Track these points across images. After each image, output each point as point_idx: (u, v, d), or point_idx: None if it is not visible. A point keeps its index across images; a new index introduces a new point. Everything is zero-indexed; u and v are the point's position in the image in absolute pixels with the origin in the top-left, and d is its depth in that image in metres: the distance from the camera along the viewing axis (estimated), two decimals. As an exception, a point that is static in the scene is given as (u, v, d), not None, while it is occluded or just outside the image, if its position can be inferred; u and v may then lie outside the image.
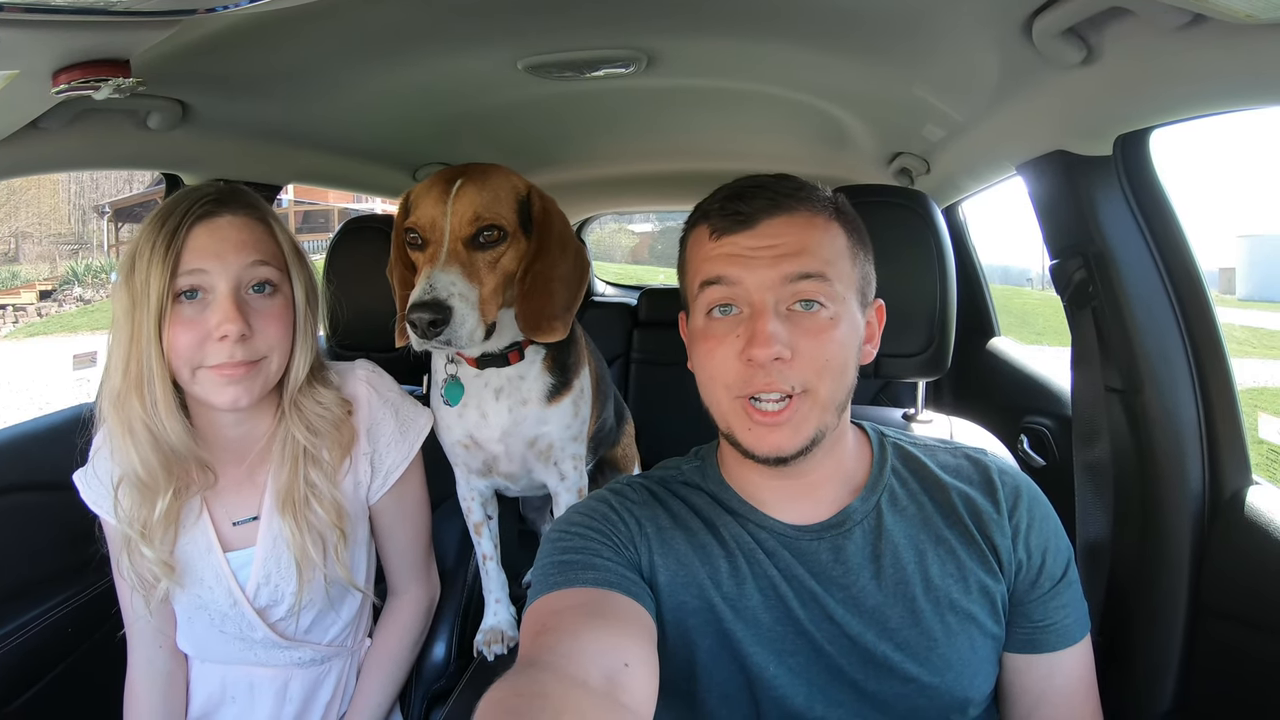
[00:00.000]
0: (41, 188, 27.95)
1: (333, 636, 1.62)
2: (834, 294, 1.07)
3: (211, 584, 1.49)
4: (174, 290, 1.33)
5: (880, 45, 1.59)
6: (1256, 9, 0.88)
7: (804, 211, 1.09)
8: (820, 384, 1.06)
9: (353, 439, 1.54)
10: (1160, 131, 1.46)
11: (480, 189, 1.44)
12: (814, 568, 1.11)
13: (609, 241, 17.25)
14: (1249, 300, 15.42)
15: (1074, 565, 1.17)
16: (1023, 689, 1.16)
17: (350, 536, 1.53)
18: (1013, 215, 6.70)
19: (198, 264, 1.33)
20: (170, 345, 1.34)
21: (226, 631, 1.53)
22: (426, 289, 1.36)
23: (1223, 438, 1.49)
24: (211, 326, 1.33)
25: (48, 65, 1.07)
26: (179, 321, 1.33)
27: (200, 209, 1.36)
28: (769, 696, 1.09)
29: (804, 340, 1.05)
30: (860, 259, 1.14)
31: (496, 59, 1.74)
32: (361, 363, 1.65)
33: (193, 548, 1.48)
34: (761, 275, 1.06)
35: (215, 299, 1.34)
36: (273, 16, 1.25)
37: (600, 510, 1.17)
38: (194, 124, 1.75)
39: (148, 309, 1.31)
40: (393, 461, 1.58)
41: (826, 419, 1.08)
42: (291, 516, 1.46)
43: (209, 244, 1.34)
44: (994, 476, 1.18)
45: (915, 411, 1.79)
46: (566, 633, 0.92)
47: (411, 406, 1.65)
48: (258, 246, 1.40)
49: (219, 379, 1.36)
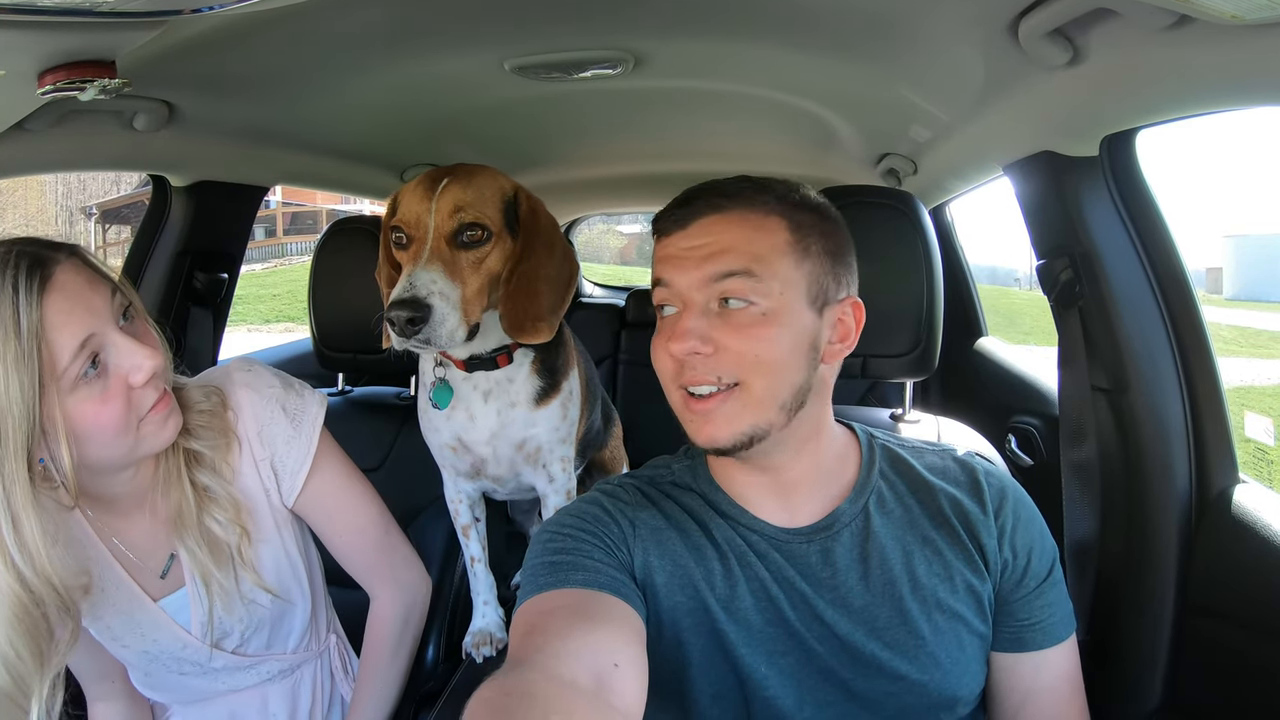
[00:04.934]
0: (29, 189, 27.75)
1: (295, 643, 1.58)
2: (765, 290, 1.05)
3: (156, 636, 1.40)
4: (65, 385, 1.12)
5: (867, 46, 1.59)
6: (1242, 9, 0.89)
7: (738, 210, 1.09)
8: (753, 379, 1.05)
9: (229, 422, 1.41)
10: (1146, 132, 1.46)
11: (465, 188, 1.43)
12: (804, 570, 1.12)
13: (597, 242, 17.23)
14: (1236, 300, 15.49)
15: (1059, 565, 1.18)
16: (1010, 687, 1.17)
17: (255, 535, 1.42)
18: (1002, 215, 6.71)
19: (78, 333, 1.13)
20: (93, 432, 1.17)
21: (187, 673, 1.47)
22: (406, 287, 1.35)
23: (1209, 437, 1.49)
24: (128, 374, 1.18)
25: (33, 66, 1.06)
26: (90, 403, 1.15)
27: (28, 282, 1.10)
28: (759, 697, 1.09)
29: (728, 336, 1.05)
30: (812, 256, 1.09)
31: (483, 60, 1.73)
32: (235, 363, 1.51)
33: (124, 610, 1.38)
34: (690, 275, 1.07)
35: (114, 349, 1.17)
36: (259, 17, 1.25)
37: (591, 512, 1.17)
38: (180, 125, 1.74)
39: (10, 428, 1.08)
40: (295, 460, 1.46)
41: (766, 415, 1.07)
42: (191, 533, 1.34)
43: (73, 304, 1.14)
44: (980, 478, 1.19)
45: (903, 412, 1.79)
46: (555, 633, 0.92)
47: (298, 397, 1.49)
48: (100, 280, 1.20)
49: (159, 418, 1.24)
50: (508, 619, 1.78)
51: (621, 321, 3.66)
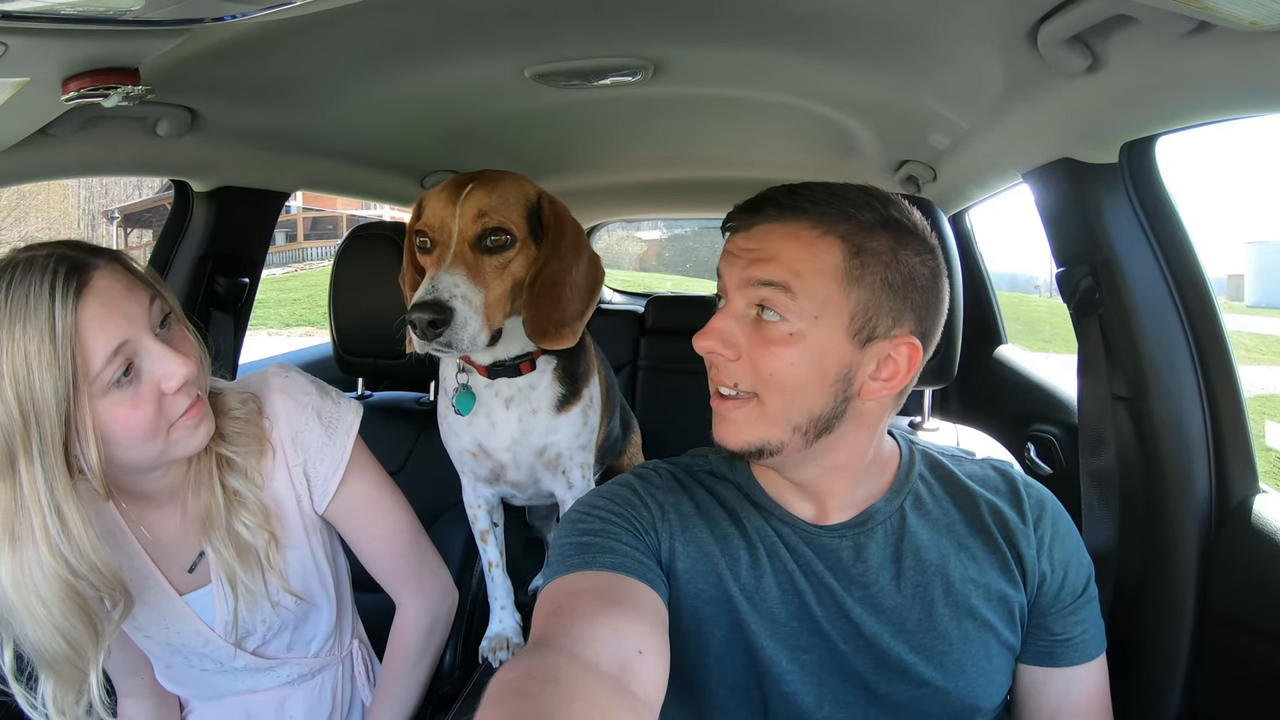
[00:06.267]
0: (51, 193, 28.03)
1: (318, 647, 1.59)
2: (798, 310, 1.02)
3: (180, 629, 1.43)
4: (97, 390, 1.14)
5: (886, 53, 1.59)
6: (1261, 16, 0.89)
7: (796, 223, 1.05)
8: (768, 395, 1.05)
9: (265, 430, 1.43)
10: (1166, 138, 1.46)
11: (489, 193, 1.44)
12: (834, 565, 1.12)
13: (616, 248, 17.20)
14: (1258, 307, 15.35)
15: (1094, 583, 1.17)
16: (1039, 703, 1.16)
17: (283, 541, 1.44)
18: (1022, 221, 6.68)
19: (113, 340, 1.14)
20: (123, 436, 1.18)
21: (208, 669, 1.48)
22: (428, 289, 1.35)
23: (1230, 446, 1.48)
24: (161, 380, 1.19)
25: (58, 73, 1.08)
26: (121, 406, 1.17)
27: (65, 287, 1.12)
28: (778, 692, 1.09)
29: (754, 347, 1.05)
30: (865, 286, 1.03)
31: (504, 67, 1.74)
32: (273, 370, 1.52)
33: (150, 602, 1.40)
34: (735, 274, 1.07)
35: (148, 355, 1.18)
36: (281, 25, 1.26)
37: (622, 494, 1.17)
38: (203, 131, 1.75)
39: (48, 427, 1.10)
40: (328, 468, 1.47)
41: (778, 434, 1.06)
42: (219, 534, 1.36)
43: (109, 311, 1.15)
44: (1020, 489, 1.19)
45: (922, 420, 1.79)
46: (581, 616, 0.92)
47: (333, 405, 1.50)
48: (139, 286, 1.22)
49: (190, 424, 1.24)
50: (525, 624, 1.79)
51: (641, 328, 3.65)
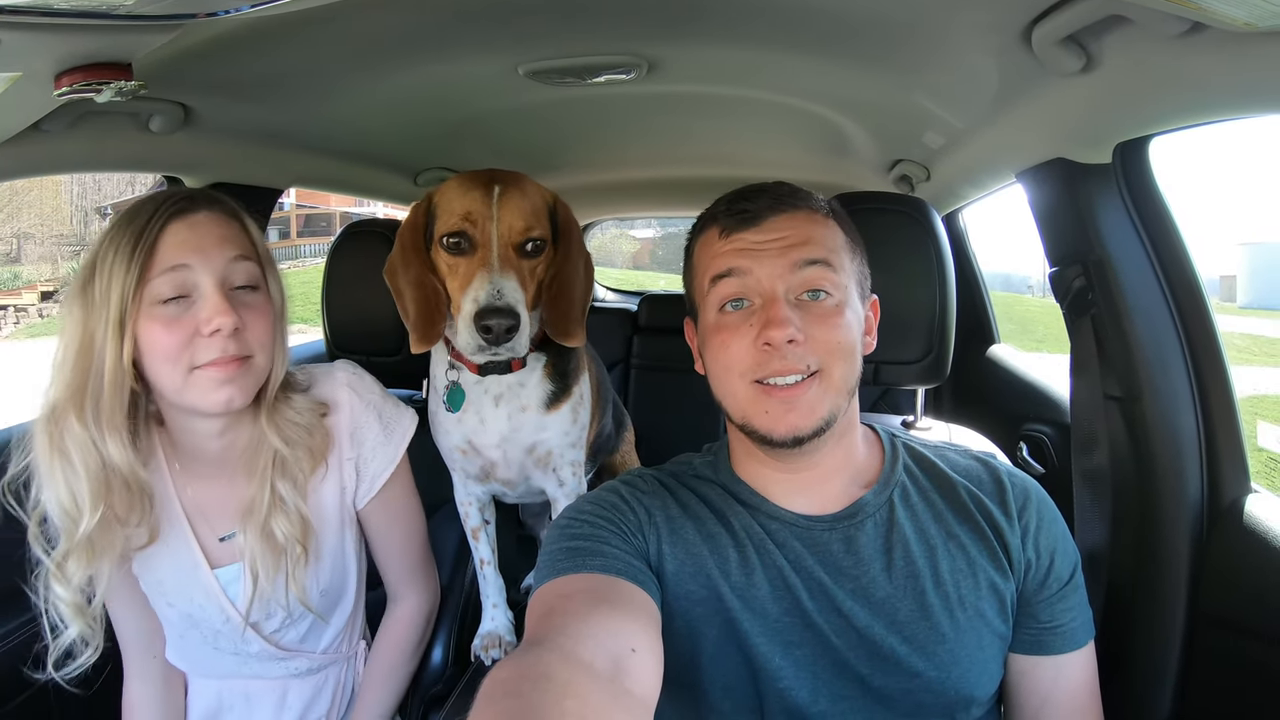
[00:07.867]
0: (44, 189, 27.97)
1: (327, 644, 1.61)
2: (838, 283, 1.13)
3: (202, 601, 1.45)
4: (150, 295, 1.25)
5: (880, 53, 1.59)
6: (1255, 17, 0.89)
7: (804, 209, 1.17)
8: (833, 366, 1.10)
9: (326, 445, 1.49)
10: (1160, 139, 1.46)
11: (524, 197, 1.44)
12: (824, 558, 1.13)
13: (610, 247, 17.24)
14: (1250, 308, 15.43)
15: (1080, 570, 1.18)
16: (1029, 691, 1.17)
17: (313, 553, 1.47)
18: (1015, 221, 6.67)
19: (178, 259, 1.26)
20: (150, 350, 1.26)
21: (221, 648, 1.50)
22: (495, 295, 1.34)
23: (1222, 446, 1.49)
24: (201, 322, 1.26)
25: (50, 68, 1.07)
26: (158, 321, 1.25)
27: (174, 206, 1.29)
28: (773, 689, 1.10)
29: (814, 325, 1.09)
30: (857, 255, 1.20)
31: (498, 64, 1.74)
32: (341, 364, 1.59)
33: (179, 566, 1.44)
34: (771, 265, 1.11)
35: (202, 295, 1.27)
36: (275, 21, 1.25)
37: (610, 500, 1.19)
38: (196, 127, 1.75)
39: (107, 313, 1.23)
40: (379, 466, 1.54)
41: (839, 401, 1.12)
42: (255, 527, 1.40)
43: (190, 238, 1.27)
44: (1003, 478, 1.21)
45: (915, 419, 1.79)
46: (574, 615, 0.93)
47: (394, 408, 1.59)
48: (238, 242, 1.34)
49: (215, 377, 1.28)
50: (518, 622, 1.78)
51: (634, 326, 3.65)
